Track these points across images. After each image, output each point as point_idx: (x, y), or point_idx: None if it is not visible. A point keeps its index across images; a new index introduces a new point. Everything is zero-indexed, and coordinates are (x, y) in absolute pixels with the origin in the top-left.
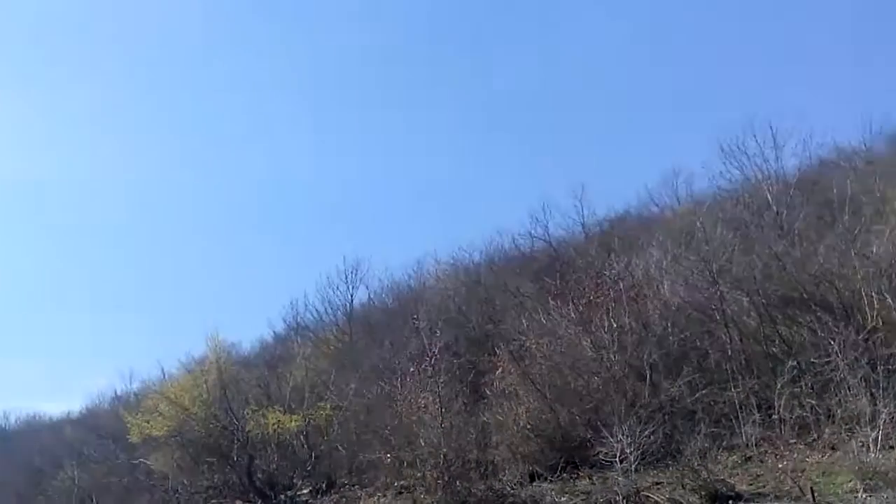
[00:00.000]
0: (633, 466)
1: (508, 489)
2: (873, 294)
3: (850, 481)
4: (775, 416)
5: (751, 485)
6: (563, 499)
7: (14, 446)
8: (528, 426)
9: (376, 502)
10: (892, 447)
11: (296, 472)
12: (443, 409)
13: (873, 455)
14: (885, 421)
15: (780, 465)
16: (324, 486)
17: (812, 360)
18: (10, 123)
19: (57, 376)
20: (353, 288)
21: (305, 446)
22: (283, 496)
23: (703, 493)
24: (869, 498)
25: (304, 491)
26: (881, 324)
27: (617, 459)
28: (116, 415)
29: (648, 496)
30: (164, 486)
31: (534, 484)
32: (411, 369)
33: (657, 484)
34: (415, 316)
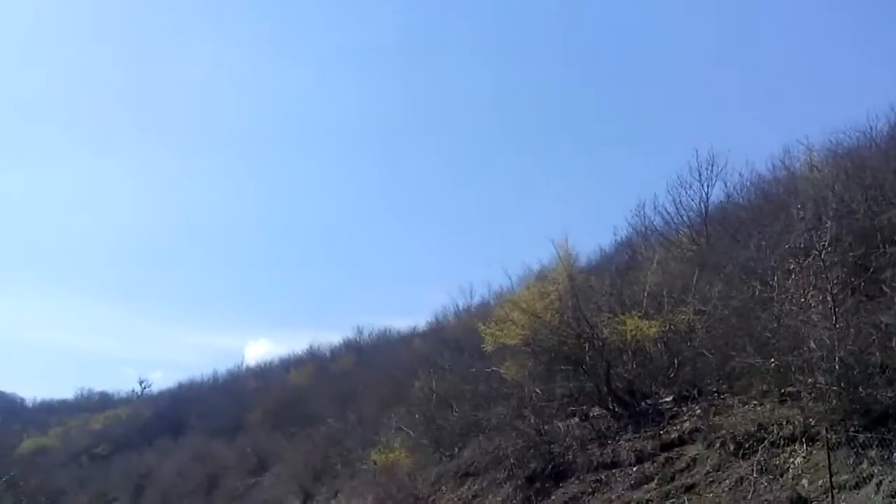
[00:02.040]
0: None
1: None
2: None
3: None
4: None
5: None
6: None
7: (368, 358)
8: None
9: (752, 410)
10: None
11: (656, 379)
12: (835, 309)
13: None
14: None
15: None
16: (691, 393)
17: None
18: None
19: (404, 295)
20: (708, 185)
21: (665, 353)
22: (644, 403)
23: None
24: None
25: (667, 399)
26: None
27: None
28: (462, 327)
29: None
30: (518, 394)
31: None
32: (791, 266)
33: None
34: (799, 206)
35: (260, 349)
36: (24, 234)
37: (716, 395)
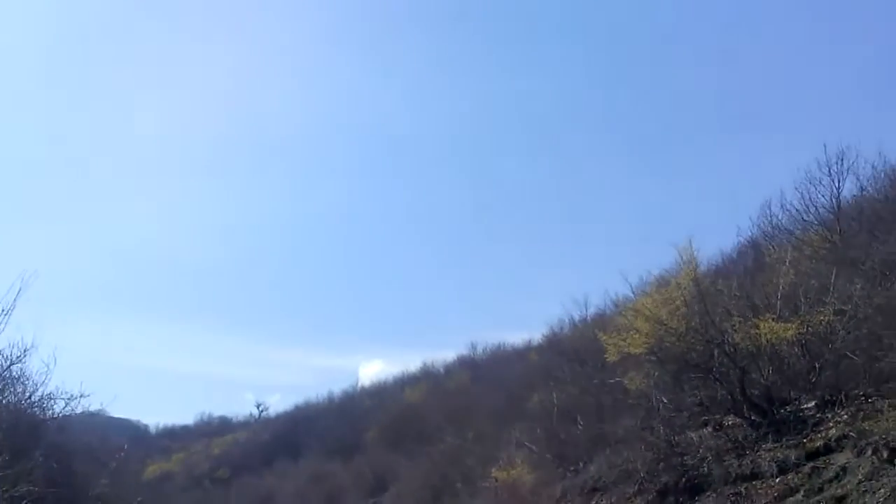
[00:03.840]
0: None
1: None
2: None
3: None
4: None
5: None
6: None
7: (483, 374)
8: None
9: None
10: None
11: (795, 384)
12: None
13: None
14: None
15: None
16: (836, 398)
17: None
18: None
19: (516, 309)
20: (839, 179)
21: (804, 356)
22: (783, 410)
23: None
24: None
25: (809, 405)
26: None
27: None
28: (579, 338)
29: None
30: (645, 405)
31: None
32: None
33: None
34: None
35: (374, 369)
36: (144, 265)
37: (863, 398)
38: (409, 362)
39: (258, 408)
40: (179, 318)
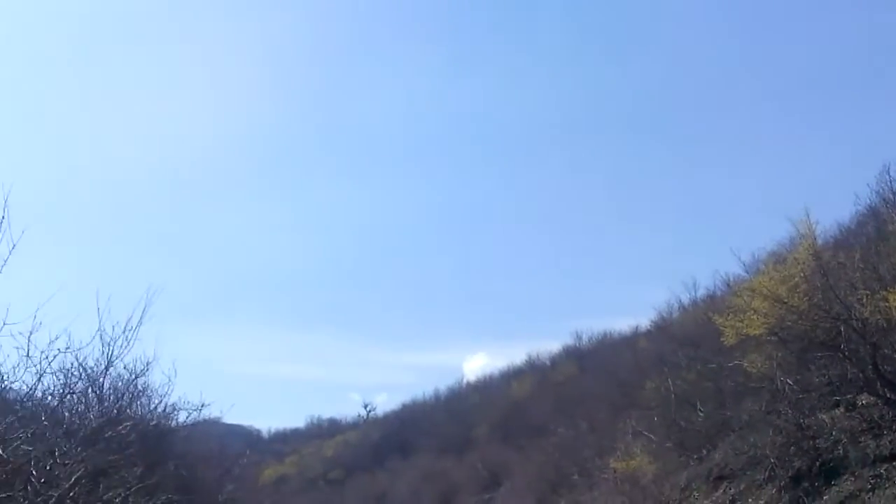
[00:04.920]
0: None
1: None
2: None
3: None
4: None
5: None
6: None
7: (590, 363)
8: None
9: None
10: None
11: None
12: None
13: None
14: None
15: None
16: None
17: None
18: None
19: (619, 296)
20: None
21: None
22: None
23: None
24: None
25: None
26: None
27: None
28: (691, 322)
29: None
30: (769, 387)
31: None
32: None
33: None
34: None
35: (478, 363)
36: (247, 271)
37: None
38: (513, 355)
39: (366, 408)
40: (283, 325)
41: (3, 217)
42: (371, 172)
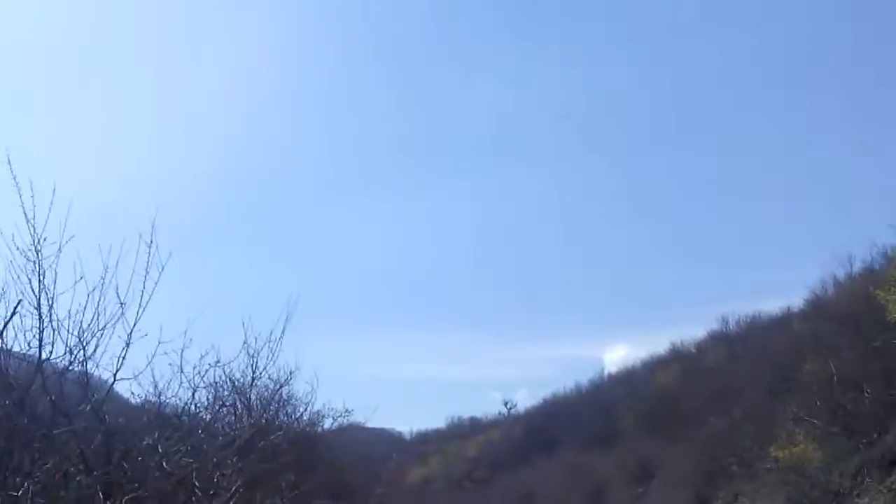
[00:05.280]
0: None
1: None
2: None
3: None
4: None
5: None
6: None
7: (740, 348)
8: None
9: None
10: None
11: None
12: None
13: None
14: None
15: None
16: None
17: None
18: None
19: (765, 276)
20: None
21: None
22: None
23: None
24: None
25: None
26: None
27: None
28: (849, 299)
29: None
30: None
31: None
32: None
33: None
34: None
35: (618, 354)
36: (380, 273)
37: None
38: (655, 344)
39: (506, 405)
40: (416, 325)
41: (151, 241)
42: (494, 164)
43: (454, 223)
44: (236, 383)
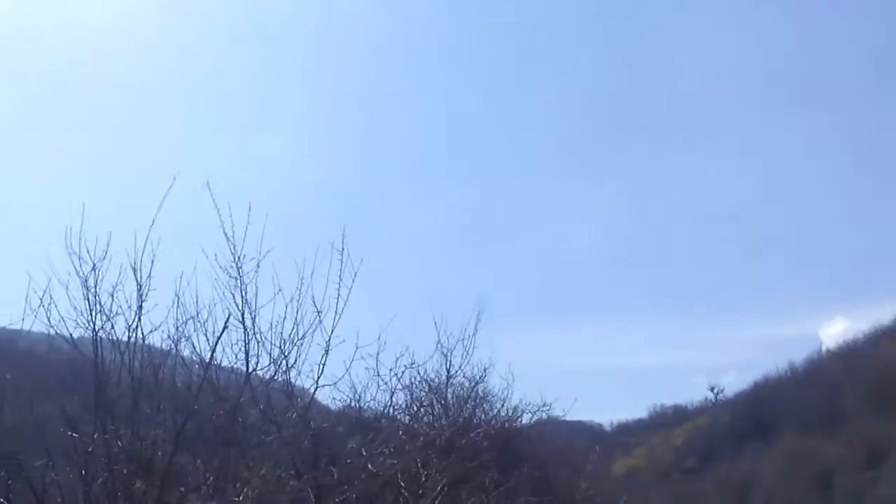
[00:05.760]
0: None
1: None
2: None
3: None
4: None
5: None
6: None
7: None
8: None
9: None
10: None
11: None
12: None
13: None
14: None
15: None
16: None
17: None
18: None
19: None
20: None
21: None
22: None
23: None
24: None
25: None
26: None
27: None
28: None
29: None
30: None
31: None
32: None
33: None
34: None
35: (837, 329)
36: (567, 261)
37: None
38: (879, 316)
39: (713, 391)
40: (608, 312)
41: (342, 248)
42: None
43: (653, 204)
44: (432, 383)
